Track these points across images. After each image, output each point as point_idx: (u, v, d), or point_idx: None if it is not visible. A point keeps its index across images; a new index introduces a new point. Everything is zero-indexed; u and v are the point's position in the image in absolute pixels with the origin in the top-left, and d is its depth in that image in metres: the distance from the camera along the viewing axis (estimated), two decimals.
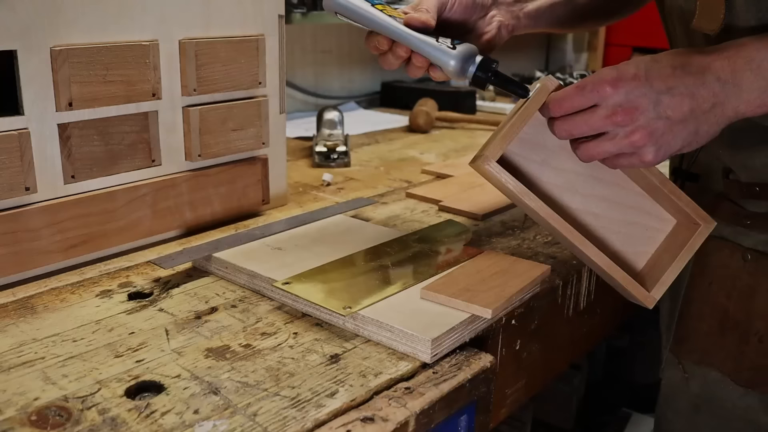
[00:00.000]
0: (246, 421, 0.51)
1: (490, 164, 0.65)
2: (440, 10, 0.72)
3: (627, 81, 0.60)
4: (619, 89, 0.60)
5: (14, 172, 0.69)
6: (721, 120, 0.61)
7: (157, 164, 0.83)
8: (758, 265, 0.77)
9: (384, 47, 0.70)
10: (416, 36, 0.68)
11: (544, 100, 0.64)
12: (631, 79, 0.60)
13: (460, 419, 0.61)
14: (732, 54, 0.60)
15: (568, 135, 0.64)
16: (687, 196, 0.71)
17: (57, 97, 0.72)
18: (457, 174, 1.18)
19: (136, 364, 0.59)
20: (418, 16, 0.68)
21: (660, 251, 0.74)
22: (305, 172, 1.23)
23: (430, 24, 0.68)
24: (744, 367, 0.79)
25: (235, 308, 0.70)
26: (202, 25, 0.84)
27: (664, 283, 0.70)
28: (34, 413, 0.52)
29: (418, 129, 1.61)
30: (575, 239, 0.67)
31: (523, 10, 0.84)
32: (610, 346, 1.69)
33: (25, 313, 0.67)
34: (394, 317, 0.63)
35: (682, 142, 0.61)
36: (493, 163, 0.65)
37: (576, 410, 1.56)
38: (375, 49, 0.71)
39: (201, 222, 0.89)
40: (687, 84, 0.60)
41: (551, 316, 0.80)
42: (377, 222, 0.94)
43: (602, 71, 0.61)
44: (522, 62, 2.54)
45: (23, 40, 0.69)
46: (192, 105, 0.85)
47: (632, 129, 0.60)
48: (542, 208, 0.66)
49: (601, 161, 0.65)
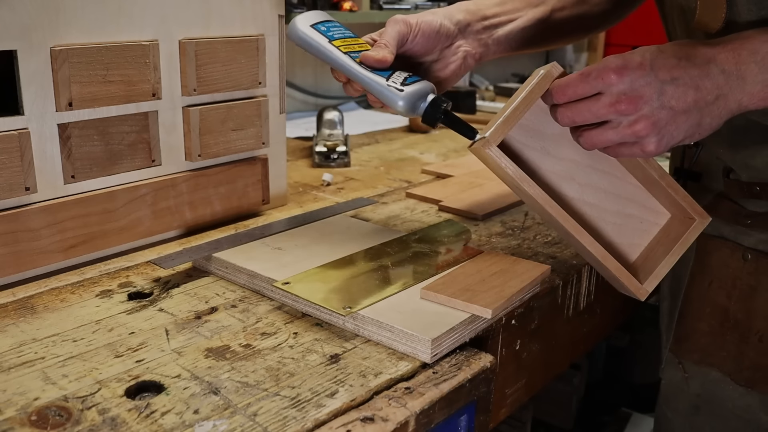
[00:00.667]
0: (246, 421, 0.51)
1: (490, 148, 0.64)
2: (401, 42, 0.73)
3: (632, 69, 0.59)
4: (624, 77, 0.59)
5: (14, 172, 0.69)
6: (723, 112, 0.61)
7: (157, 164, 0.83)
8: (758, 264, 0.77)
9: (342, 80, 0.73)
10: (368, 76, 0.70)
11: (548, 87, 0.64)
12: (637, 67, 0.59)
13: (460, 419, 0.61)
14: (737, 46, 0.60)
15: (570, 122, 0.63)
16: (684, 191, 0.71)
17: (57, 97, 0.72)
18: (457, 174, 1.18)
19: (136, 364, 0.59)
20: (374, 54, 0.70)
21: (653, 244, 0.74)
22: (305, 172, 1.23)
23: (386, 61, 0.70)
24: (744, 367, 0.79)
25: (235, 308, 0.70)
26: (202, 25, 0.84)
27: (657, 275, 0.70)
28: (34, 413, 0.52)
29: (418, 129, 1.61)
30: (571, 227, 0.67)
31: (492, 36, 0.82)
32: (610, 346, 1.69)
33: (25, 313, 0.67)
34: (394, 317, 0.63)
35: (685, 133, 0.61)
36: (493, 147, 0.64)
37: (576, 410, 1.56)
38: (336, 79, 0.74)
39: (201, 222, 0.89)
40: (692, 75, 0.60)
41: (551, 316, 0.80)
42: (377, 222, 0.94)
43: (607, 59, 0.61)
44: (522, 62, 2.54)
45: (23, 40, 0.69)
46: (192, 105, 0.85)
47: (636, 118, 0.60)
48: (540, 195, 0.66)
49: (602, 150, 0.64)
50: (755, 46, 0.60)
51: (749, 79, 0.60)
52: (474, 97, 1.85)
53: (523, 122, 0.68)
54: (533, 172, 0.71)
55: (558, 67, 0.65)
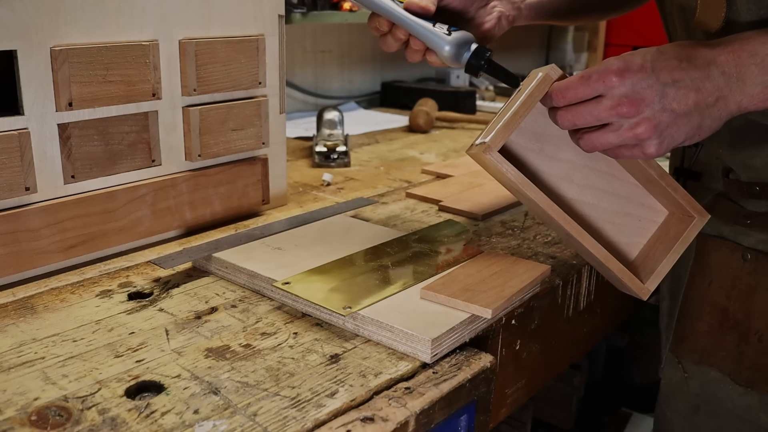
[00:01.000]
0: (246, 421, 0.51)
1: (491, 154, 0.64)
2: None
3: (633, 72, 0.59)
4: (626, 80, 0.59)
5: (14, 172, 0.69)
6: (723, 114, 0.61)
7: (157, 164, 0.83)
8: (758, 264, 0.77)
9: (384, 29, 0.73)
10: (414, 20, 0.70)
11: (547, 90, 0.64)
12: (638, 70, 0.59)
13: (460, 419, 0.61)
14: (737, 48, 0.60)
15: (571, 125, 0.63)
16: (683, 189, 0.71)
17: (57, 97, 0.72)
18: (457, 174, 1.18)
19: (136, 364, 0.59)
20: (418, 1, 0.70)
21: (652, 242, 0.74)
22: (305, 172, 1.23)
23: (429, 9, 0.71)
24: (744, 367, 0.79)
25: (235, 308, 0.70)
26: (202, 25, 0.84)
27: (659, 274, 0.70)
28: (34, 413, 0.52)
29: (418, 129, 1.61)
30: (573, 230, 0.67)
31: (525, 1, 0.84)
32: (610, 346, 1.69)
33: (25, 313, 0.67)
34: (394, 317, 0.63)
35: (685, 136, 0.61)
36: (494, 152, 0.64)
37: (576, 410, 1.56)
38: (376, 30, 0.73)
39: (201, 222, 0.89)
40: (692, 77, 0.59)
41: (551, 316, 0.80)
42: (377, 222, 0.94)
43: (608, 61, 0.61)
44: (522, 62, 2.54)
45: (23, 40, 0.69)
46: (192, 105, 0.85)
47: (637, 121, 0.59)
48: (542, 199, 0.66)
49: (603, 152, 0.64)
50: (755, 48, 0.60)
51: (749, 81, 0.60)
52: (474, 97, 1.85)
53: (521, 125, 0.68)
54: (532, 175, 0.71)
55: (556, 69, 0.65)
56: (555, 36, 2.70)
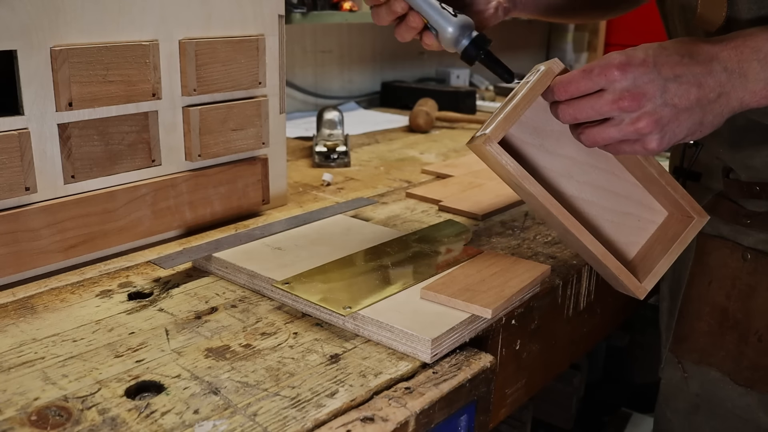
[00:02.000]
0: (246, 421, 0.51)
1: (491, 145, 0.64)
2: None
3: (635, 66, 0.59)
4: (628, 74, 0.59)
5: (14, 172, 0.70)
6: (725, 110, 0.61)
7: (157, 164, 0.83)
8: (758, 264, 0.77)
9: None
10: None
11: (549, 84, 0.64)
12: (640, 64, 0.59)
13: (460, 419, 0.61)
14: (739, 44, 0.60)
15: (572, 119, 0.62)
16: (683, 189, 0.71)
17: (57, 97, 0.72)
18: (457, 174, 1.18)
19: (136, 364, 0.59)
20: None
21: (651, 242, 0.74)
22: (305, 172, 1.23)
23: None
24: (743, 367, 0.79)
25: (235, 308, 0.70)
26: (202, 25, 0.84)
27: (656, 274, 0.70)
28: (34, 413, 0.52)
29: (418, 129, 1.61)
30: (571, 225, 0.67)
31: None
32: (610, 346, 1.69)
33: (25, 313, 0.67)
34: (394, 317, 0.63)
35: (687, 131, 0.61)
36: (494, 144, 0.64)
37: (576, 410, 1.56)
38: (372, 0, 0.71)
39: (201, 222, 0.89)
40: (695, 72, 0.59)
41: (551, 316, 0.80)
42: (377, 222, 0.94)
43: (610, 55, 0.60)
44: (522, 62, 2.54)
45: (23, 40, 0.69)
46: (192, 105, 0.85)
47: (638, 115, 0.59)
48: (541, 192, 0.65)
49: (603, 147, 0.64)
50: (757, 44, 0.60)
51: (751, 76, 0.60)
52: (474, 97, 1.85)
53: (521, 119, 0.68)
54: (532, 170, 0.70)
55: (559, 63, 0.64)
56: (555, 36, 2.70)
